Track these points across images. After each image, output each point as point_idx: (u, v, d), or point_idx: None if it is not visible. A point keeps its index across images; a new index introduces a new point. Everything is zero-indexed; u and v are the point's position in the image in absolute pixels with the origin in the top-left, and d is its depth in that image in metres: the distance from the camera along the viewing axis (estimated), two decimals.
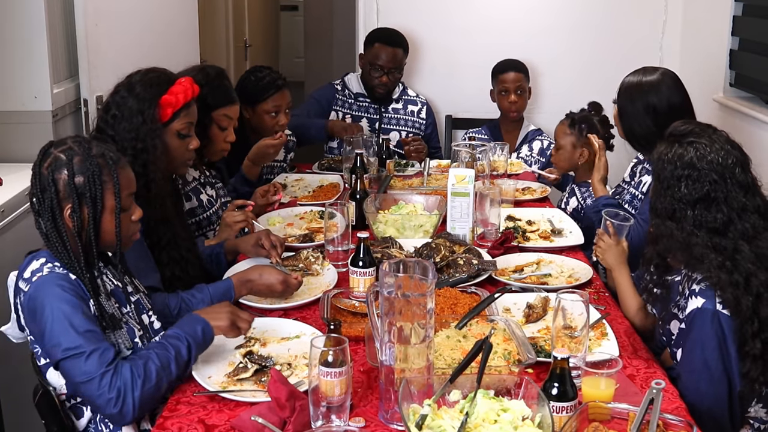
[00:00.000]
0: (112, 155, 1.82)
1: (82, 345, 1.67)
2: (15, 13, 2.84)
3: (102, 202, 1.79)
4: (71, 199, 1.76)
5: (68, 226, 1.77)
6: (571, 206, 3.17)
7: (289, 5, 9.49)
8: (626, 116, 2.71)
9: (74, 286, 1.75)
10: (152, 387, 1.71)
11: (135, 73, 2.25)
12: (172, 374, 1.77)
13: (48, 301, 1.71)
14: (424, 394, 1.60)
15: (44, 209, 1.76)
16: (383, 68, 3.86)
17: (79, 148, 1.79)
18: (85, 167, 1.77)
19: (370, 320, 1.71)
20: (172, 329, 1.85)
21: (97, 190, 1.77)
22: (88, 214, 1.78)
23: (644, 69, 2.74)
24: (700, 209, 1.87)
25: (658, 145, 1.99)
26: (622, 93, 2.73)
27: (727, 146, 1.91)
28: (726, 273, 1.82)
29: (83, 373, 1.67)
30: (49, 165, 1.77)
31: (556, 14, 4.24)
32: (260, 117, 3.31)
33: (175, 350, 1.78)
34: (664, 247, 1.93)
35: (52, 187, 1.75)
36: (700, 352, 1.84)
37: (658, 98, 2.63)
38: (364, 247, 2.22)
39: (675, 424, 1.60)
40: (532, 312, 2.15)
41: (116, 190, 1.80)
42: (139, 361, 1.73)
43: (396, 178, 3.38)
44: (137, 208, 1.90)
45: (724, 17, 3.67)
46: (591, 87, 4.14)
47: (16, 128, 2.90)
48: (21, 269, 1.80)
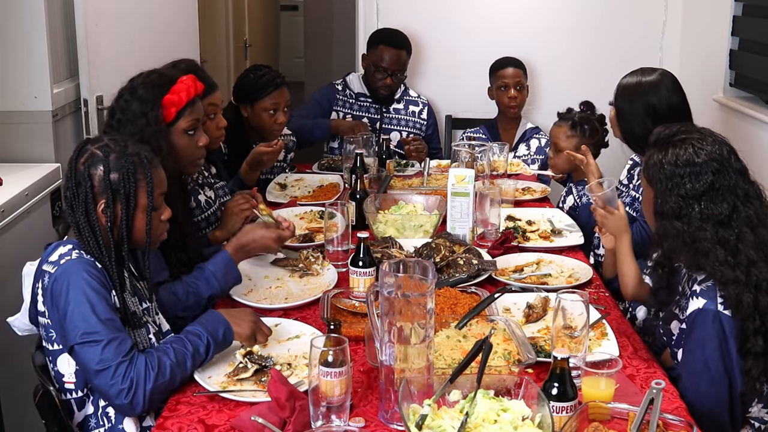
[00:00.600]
0: (146, 155, 1.86)
1: (101, 332, 1.69)
2: (15, 13, 2.84)
3: (135, 200, 1.82)
4: (105, 195, 1.80)
5: (101, 222, 1.81)
6: (567, 204, 3.17)
7: (289, 5, 9.50)
8: (625, 117, 2.69)
9: (101, 274, 1.77)
10: (165, 381, 1.72)
11: (137, 76, 2.26)
12: (187, 370, 1.78)
13: (73, 284, 1.72)
14: (424, 394, 1.60)
15: (78, 203, 1.80)
16: (387, 70, 3.86)
17: (116, 146, 1.83)
18: (120, 164, 1.81)
19: (370, 320, 1.71)
20: (193, 326, 1.85)
21: (131, 187, 1.81)
22: (121, 211, 1.81)
23: (642, 70, 2.73)
24: (707, 202, 1.89)
25: (649, 152, 2.00)
26: (620, 94, 2.72)
27: (718, 138, 1.95)
28: (729, 269, 1.83)
29: (99, 361, 1.68)
30: (85, 160, 1.81)
31: (555, 14, 4.24)
32: (259, 115, 3.30)
33: (194, 348, 1.79)
34: (670, 247, 1.94)
35: (87, 182, 1.80)
36: (700, 352, 1.84)
37: (658, 98, 2.62)
38: (364, 247, 2.22)
39: (675, 424, 1.60)
40: (532, 312, 2.15)
41: (149, 188, 1.84)
42: (155, 354, 1.74)
43: (396, 178, 3.38)
44: (167, 208, 1.94)
45: (724, 17, 3.67)
46: (591, 87, 4.13)
47: (16, 128, 2.90)
48: (46, 255, 1.82)
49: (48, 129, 2.91)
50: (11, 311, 1.95)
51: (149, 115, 2.18)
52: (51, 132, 2.91)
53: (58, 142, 2.96)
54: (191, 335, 1.82)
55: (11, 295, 2.56)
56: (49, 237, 2.63)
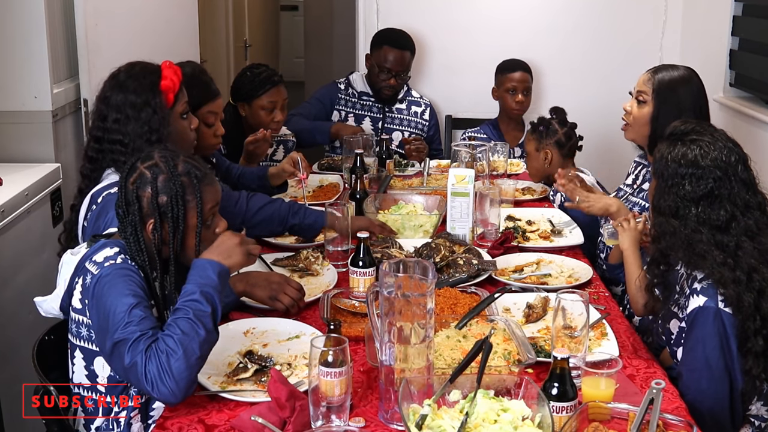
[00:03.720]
0: (197, 173, 1.83)
1: (134, 330, 1.66)
2: (15, 13, 2.84)
3: (185, 222, 1.81)
4: (154, 217, 1.79)
5: (148, 240, 1.80)
6: (557, 202, 3.10)
7: (289, 5, 9.50)
8: (665, 115, 2.50)
9: (143, 281, 1.77)
10: (181, 356, 1.63)
11: (115, 75, 2.19)
12: (200, 333, 1.67)
13: (115, 288, 1.71)
14: (424, 394, 1.60)
15: (128, 222, 1.80)
16: (391, 71, 3.86)
17: (165, 166, 1.81)
18: (168, 187, 1.79)
19: (370, 320, 1.71)
20: (186, 285, 1.75)
21: (180, 210, 1.80)
22: (169, 233, 1.80)
23: (666, 66, 2.62)
24: (704, 206, 1.88)
25: (660, 145, 1.99)
26: (663, 90, 2.54)
27: (729, 144, 1.93)
28: (729, 270, 1.83)
29: (129, 359, 1.65)
30: (134, 180, 1.80)
31: (556, 14, 4.24)
32: (256, 113, 3.30)
33: (193, 310, 1.69)
34: (667, 244, 1.94)
35: (135, 204, 1.79)
36: (701, 350, 1.84)
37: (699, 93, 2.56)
38: (364, 247, 2.22)
39: (675, 424, 1.60)
40: (532, 312, 2.15)
41: (199, 208, 1.81)
42: (161, 338, 1.66)
43: (396, 178, 3.39)
44: (221, 219, 1.91)
45: (724, 17, 3.67)
46: (591, 87, 4.15)
47: (16, 128, 2.90)
48: (91, 251, 1.80)
49: (48, 129, 2.91)
50: (11, 311, 1.95)
51: (153, 103, 2.13)
52: (51, 132, 2.91)
53: (58, 142, 2.96)
54: (186, 299, 1.72)
55: (11, 294, 2.56)
56: (50, 237, 2.64)
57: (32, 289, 2.50)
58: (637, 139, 2.69)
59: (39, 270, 2.73)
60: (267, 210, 2.57)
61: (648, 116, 2.58)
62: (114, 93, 2.16)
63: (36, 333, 1.99)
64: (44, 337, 1.97)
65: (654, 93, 2.57)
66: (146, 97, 2.14)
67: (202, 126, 2.69)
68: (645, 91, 2.58)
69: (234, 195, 2.54)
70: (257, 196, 2.61)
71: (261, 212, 2.56)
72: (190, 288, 1.74)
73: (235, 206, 2.50)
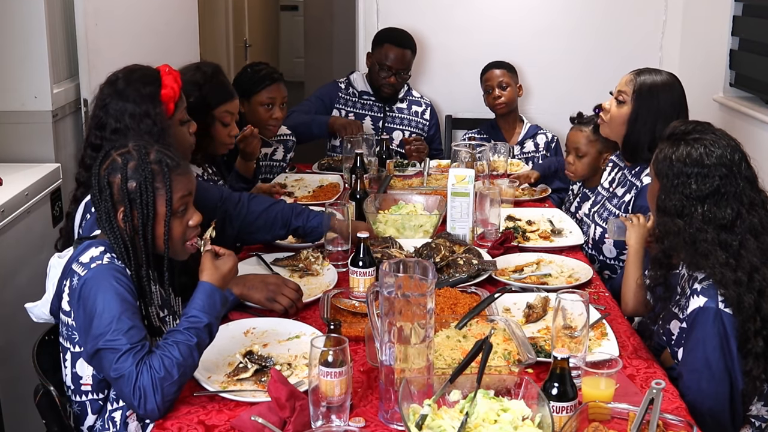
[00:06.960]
0: (169, 162, 1.82)
1: (121, 340, 1.66)
2: (15, 13, 2.84)
3: (154, 209, 1.80)
4: (123, 203, 1.79)
5: (121, 228, 1.80)
6: (582, 211, 2.97)
7: (289, 5, 9.51)
8: (643, 118, 2.53)
9: (130, 281, 1.77)
10: (175, 381, 1.67)
11: (113, 81, 2.15)
12: (195, 361, 1.72)
13: (102, 290, 1.71)
14: (424, 394, 1.60)
15: (101, 210, 1.80)
16: (392, 69, 3.86)
17: (137, 153, 1.81)
18: (138, 173, 1.79)
19: (370, 320, 1.71)
20: (190, 309, 1.75)
21: (149, 197, 1.79)
22: (138, 220, 1.79)
23: (650, 69, 2.60)
24: (710, 205, 1.88)
25: (661, 146, 1.99)
26: (644, 93, 2.54)
27: (732, 142, 1.93)
28: (730, 270, 1.83)
29: (115, 369, 1.66)
30: (106, 167, 1.81)
31: (556, 14, 4.24)
32: (255, 109, 3.30)
33: (197, 338, 1.71)
34: (670, 245, 1.94)
35: (107, 189, 1.79)
36: (701, 350, 1.84)
37: (678, 99, 2.53)
38: (364, 247, 2.22)
39: (675, 424, 1.60)
40: (532, 312, 2.15)
41: (168, 197, 1.80)
42: (160, 357, 1.67)
43: (396, 178, 3.39)
44: (195, 213, 1.88)
45: (724, 17, 3.67)
46: (591, 87, 4.12)
47: (16, 128, 2.90)
48: (77, 253, 1.80)
49: (48, 129, 2.91)
50: (11, 311, 1.95)
51: (153, 114, 2.11)
52: (51, 132, 2.91)
53: (58, 142, 2.96)
54: (191, 325, 1.73)
55: (11, 294, 2.56)
56: (49, 237, 2.63)
57: (32, 289, 2.50)
58: (611, 137, 2.69)
59: (39, 270, 2.71)
60: (270, 212, 2.52)
61: (625, 117, 2.59)
62: (113, 101, 2.12)
63: (36, 333, 1.99)
64: (44, 338, 1.97)
65: (634, 95, 2.56)
66: (146, 108, 2.11)
67: (218, 125, 2.72)
68: (625, 92, 2.58)
69: (234, 197, 2.52)
70: (259, 198, 2.58)
71: (263, 215, 2.51)
72: (199, 315, 1.75)
73: (235, 208, 2.48)
